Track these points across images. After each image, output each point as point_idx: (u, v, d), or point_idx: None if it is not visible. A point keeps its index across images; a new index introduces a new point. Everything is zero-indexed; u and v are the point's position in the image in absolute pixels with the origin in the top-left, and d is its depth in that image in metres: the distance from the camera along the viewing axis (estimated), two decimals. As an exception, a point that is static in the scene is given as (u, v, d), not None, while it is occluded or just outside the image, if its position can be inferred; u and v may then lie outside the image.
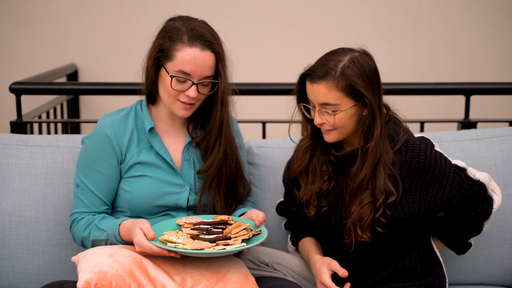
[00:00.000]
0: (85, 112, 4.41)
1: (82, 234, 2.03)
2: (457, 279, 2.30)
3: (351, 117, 1.94)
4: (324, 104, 1.92)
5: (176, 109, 2.01)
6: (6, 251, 2.20)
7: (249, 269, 2.02)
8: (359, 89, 1.89)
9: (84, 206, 2.04)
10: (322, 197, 2.04)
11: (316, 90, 1.92)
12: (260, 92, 3.06)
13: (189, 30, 1.96)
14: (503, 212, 2.27)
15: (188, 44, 1.94)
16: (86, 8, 4.32)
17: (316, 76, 1.91)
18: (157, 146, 2.05)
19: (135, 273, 1.81)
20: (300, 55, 4.34)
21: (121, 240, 1.96)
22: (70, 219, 2.08)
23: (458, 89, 2.97)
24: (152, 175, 2.03)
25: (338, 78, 1.89)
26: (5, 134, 2.32)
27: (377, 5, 4.30)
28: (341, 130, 1.97)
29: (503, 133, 2.37)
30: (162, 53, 1.97)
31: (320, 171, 2.05)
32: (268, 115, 3.95)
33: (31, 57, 4.38)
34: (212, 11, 4.28)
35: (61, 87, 3.12)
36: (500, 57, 4.33)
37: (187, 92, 1.96)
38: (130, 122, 2.06)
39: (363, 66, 1.91)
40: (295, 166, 2.11)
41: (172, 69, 1.95)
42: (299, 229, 2.18)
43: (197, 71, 1.95)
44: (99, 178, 2.03)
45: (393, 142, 1.98)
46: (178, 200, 2.04)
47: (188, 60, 1.94)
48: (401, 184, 1.95)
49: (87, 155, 2.05)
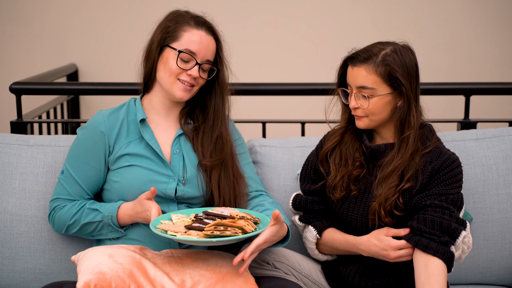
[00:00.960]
0: (85, 112, 4.42)
1: (68, 222, 2.07)
2: (457, 279, 2.31)
3: (386, 105, 1.99)
4: (361, 88, 1.99)
5: (176, 90, 2.04)
6: (7, 250, 2.21)
7: (250, 267, 2.02)
8: (397, 76, 1.96)
9: (67, 193, 2.08)
10: (351, 181, 2.07)
11: (356, 73, 1.99)
12: (260, 92, 3.06)
13: (194, 16, 2.08)
14: (503, 211, 2.28)
15: (195, 27, 2.05)
16: (86, 8, 4.33)
17: (358, 59, 1.99)
18: (147, 137, 2.07)
19: (134, 274, 1.81)
20: (300, 55, 4.36)
21: (116, 223, 2.01)
22: (50, 206, 2.11)
23: (458, 89, 2.97)
24: (141, 165, 2.05)
25: (378, 63, 1.97)
26: (6, 134, 2.33)
27: (376, 6, 4.31)
28: (372, 117, 2.01)
29: (503, 133, 2.37)
30: (167, 34, 2.04)
31: (352, 157, 2.08)
32: (268, 115, 3.96)
33: (31, 57, 4.38)
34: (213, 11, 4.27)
35: (61, 87, 3.12)
36: (500, 57, 4.33)
37: (190, 71, 2.02)
38: (121, 114, 2.10)
39: (404, 57, 1.99)
40: (327, 144, 2.14)
41: (179, 47, 2.02)
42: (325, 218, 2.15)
43: (201, 52, 2.03)
44: (84, 169, 2.07)
45: (424, 146, 2.03)
46: (166, 190, 2.04)
47: (196, 40, 2.03)
48: (420, 178, 1.99)
49: (76, 145, 2.10)
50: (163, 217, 1.92)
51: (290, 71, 4.31)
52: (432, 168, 1.99)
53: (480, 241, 2.27)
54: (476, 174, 2.29)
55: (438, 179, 1.98)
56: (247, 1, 4.32)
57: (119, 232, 2.03)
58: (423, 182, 1.99)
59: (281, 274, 2.05)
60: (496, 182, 2.29)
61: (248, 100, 3.72)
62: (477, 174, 2.30)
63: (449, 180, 1.98)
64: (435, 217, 1.93)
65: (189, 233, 1.81)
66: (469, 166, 2.30)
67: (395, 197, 1.97)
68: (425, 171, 1.99)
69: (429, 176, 1.99)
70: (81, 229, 2.07)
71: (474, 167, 2.30)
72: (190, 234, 1.80)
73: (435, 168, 1.99)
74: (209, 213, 1.90)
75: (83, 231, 2.08)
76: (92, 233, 2.07)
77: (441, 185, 1.98)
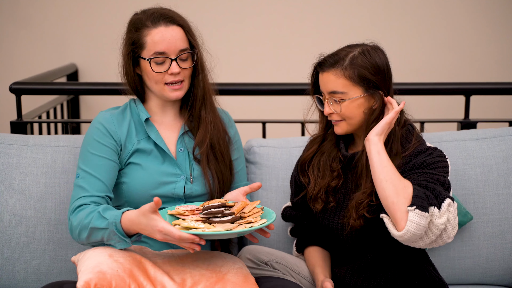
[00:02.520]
0: (85, 112, 4.41)
1: (84, 221, 1.90)
2: (457, 279, 2.31)
3: (359, 107, 1.96)
4: (332, 93, 1.96)
5: (167, 93, 2.04)
6: (7, 250, 2.21)
7: (248, 268, 2.02)
8: (367, 77, 1.93)
9: (87, 191, 1.97)
10: (330, 193, 2.05)
11: (325, 78, 1.97)
12: (260, 92, 3.06)
13: (150, 15, 2.03)
14: (503, 211, 2.27)
15: (153, 26, 2.00)
16: (86, 9, 4.33)
17: (325, 65, 1.97)
18: (154, 136, 2.06)
19: (134, 273, 1.81)
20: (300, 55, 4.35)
21: (121, 230, 1.84)
22: (73, 205, 1.95)
23: (458, 89, 2.97)
24: (149, 165, 2.04)
25: (346, 67, 1.94)
26: (6, 134, 2.33)
27: (376, 6, 4.31)
28: (349, 121, 1.99)
29: (503, 133, 2.37)
30: (133, 45, 2.03)
31: (330, 167, 2.06)
32: (268, 115, 3.96)
33: (31, 57, 4.38)
34: (212, 12, 4.28)
35: (61, 87, 3.12)
36: (500, 57, 4.33)
37: (170, 70, 2.00)
38: (127, 115, 2.09)
39: (373, 57, 1.96)
40: (306, 154, 2.13)
41: (148, 54, 2.00)
42: (305, 235, 2.17)
43: (170, 47, 2.00)
44: (100, 163, 2.00)
45: (403, 148, 1.98)
46: (175, 189, 2.03)
47: (158, 39, 1.99)
48: None
49: (88, 144, 2.04)
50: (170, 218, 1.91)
51: (290, 71, 4.31)
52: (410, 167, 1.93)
53: (480, 241, 2.27)
54: (476, 174, 2.29)
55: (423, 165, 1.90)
56: (247, 2, 4.31)
57: (126, 242, 1.87)
58: None
59: (280, 275, 2.05)
60: (497, 182, 2.29)
61: (248, 100, 3.73)
62: (477, 174, 2.29)
63: (433, 165, 1.91)
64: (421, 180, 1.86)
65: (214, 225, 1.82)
66: (469, 166, 2.30)
67: (368, 200, 1.93)
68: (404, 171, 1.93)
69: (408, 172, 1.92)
70: (90, 235, 1.90)
71: (474, 167, 2.30)
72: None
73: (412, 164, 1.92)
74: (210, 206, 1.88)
75: (92, 237, 1.91)
76: (101, 241, 1.91)
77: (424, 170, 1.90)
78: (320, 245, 2.15)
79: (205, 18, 2.07)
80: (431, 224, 1.82)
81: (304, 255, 2.17)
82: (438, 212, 1.82)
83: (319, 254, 2.13)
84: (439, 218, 1.82)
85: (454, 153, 2.32)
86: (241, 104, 3.94)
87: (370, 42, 2.02)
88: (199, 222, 1.83)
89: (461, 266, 2.28)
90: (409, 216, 1.80)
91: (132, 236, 1.88)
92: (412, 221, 1.79)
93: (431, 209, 1.81)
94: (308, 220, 2.15)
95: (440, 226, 1.82)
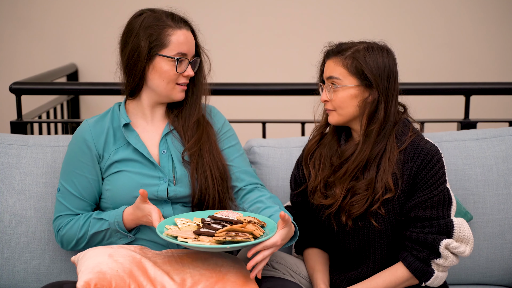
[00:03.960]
0: (85, 112, 4.42)
1: (78, 234, 2.03)
2: (457, 279, 2.31)
3: (351, 98, 1.98)
4: (329, 78, 2.00)
5: (176, 93, 2.06)
6: (7, 250, 2.21)
7: (248, 268, 2.02)
8: (364, 71, 1.95)
9: (67, 209, 2.06)
10: (328, 186, 2.05)
11: (327, 65, 2.03)
12: (260, 92, 3.06)
13: (167, 15, 2.04)
14: (503, 211, 2.27)
15: (177, 27, 2.02)
16: (86, 8, 4.33)
17: (330, 53, 2.03)
18: (133, 141, 2.05)
19: (134, 273, 1.81)
20: (300, 56, 4.35)
21: (124, 227, 1.98)
22: (55, 226, 2.08)
23: (458, 89, 2.97)
24: (130, 170, 2.04)
25: (347, 57, 1.98)
26: (5, 134, 2.33)
27: (376, 6, 4.31)
28: (340, 111, 2.00)
29: (503, 133, 2.37)
30: (154, 42, 2.01)
31: (330, 160, 2.07)
32: (268, 115, 3.96)
33: (31, 57, 4.38)
34: (213, 12, 4.28)
35: (61, 87, 3.12)
36: (500, 57, 4.33)
37: (186, 72, 2.04)
38: (106, 122, 2.09)
39: (375, 55, 1.98)
40: (308, 144, 2.14)
41: (171, 53, 2.01)
42: (304, 236, 2.16)
43: (190, 50, 2.04)
44: (79, 181, 2.05)
45: (400, 142, 1.99)
46: (158, 192, 2.03)
47: (183, 40, 2.02)
48: (400, 184, 1.96)
49: (67, 160, 2.09)
50: (166, 221, 1.90)
51: (290, 71, 4.31)
52: (411, 169, 1.96)
53: (480, 241, 2.27)
54: (476, 174, 2.29)
55: (420, 181, 1.96)
56: (248, 2, 4.32)
57: (128, 237, 2.01)
58: (403, 187, 1.96)
59: (279, 275, 2.05)
60: (497, 182, 2.29)
61: (248, 100, 3.74)
62: (477, 174, 2.29)
63: (431, 179, 1.95)
64: (415, 232, 1.95)
65: (200, 239, 1.80)
66: (469, 166, 2.30)
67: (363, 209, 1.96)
68: (404, 174, 1.96)
69: (411, 179, 1.96)
70: (90, 241, 2.03)
71: (474, 167, 2.30)
72: (202, 240, 1.79)
73: (414, 169, 1.96)
74: (216, 217, 1.87)
75: (92, 242, 2.04)
76: (101, 242, 2.03)
77: (424, 189, 1.95)
78: (319, 246, 2.15)
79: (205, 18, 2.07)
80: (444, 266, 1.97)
81: (304, 257, 2.17)
82: (440, 259, 1.95)
83: (318, 257, 2.13)
84: (446, 260, 1.95)
85: (454, 153, 2.32)
86: (241, 104, 3.95)
87: (380, 42, 2.05)
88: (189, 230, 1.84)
89: (461, 266, 2.29)
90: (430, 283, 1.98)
91: (132, 230, 2.01)
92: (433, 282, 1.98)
93: (433, 262, 1.96)
94: (307, 219, 2.15)
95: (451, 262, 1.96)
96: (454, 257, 1.96)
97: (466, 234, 1.96)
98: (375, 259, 2.02)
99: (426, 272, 1.96)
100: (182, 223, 1.89)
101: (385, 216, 1.96)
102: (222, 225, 1.84)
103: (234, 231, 1.79)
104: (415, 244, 1.96)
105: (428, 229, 1.94)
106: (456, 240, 1.95)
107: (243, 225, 1.81)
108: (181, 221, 1.90)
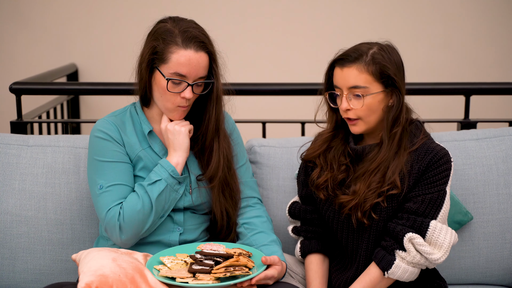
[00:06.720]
0: (85, 112, 4.42)
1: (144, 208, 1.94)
2: (457, 279, 2.31)
3: (379, 103, 1.97)
4: (353, 88, 1.95)
5: (172, 114, 2.01)
6: (7, 250, 2.21)
7: (249, 268, 2.02)
8: (389, 73, 1.95)
9: (115, 200, 1.96)
10: (335, 185, 2.04)
11: (347, 73, 1.95)
12: (260, 92, 3.06)
13: (182, 32, 1.94)
14: (503, 211, 2.28)
15: (183, 46, 1.93)
16: (86, 8, 4.33)
17: (348, 60, 1.96)
18: (157, 149, 2.04)
19: (136, 280, 1.79)
20: (300, 55, 4.36)
21: (178, 173, 1.97)
22: (109, 220, 1.95)
23: (458, 89, 2.97)
24: None
25: (369, 62, 1.94)
26: (6, 134, 2.32)
27: (376, 6, 4.31)
28: (367, 119, 1.98)
29: (503, 133, 2.37)
30: (156, 55, 1.95)
31: (338, 161, 2.06)
32: (268, 115, 3.96)
33: (31, 57, 4.38)
34: (213, 12, 4.28)
35: (61, 87, 3.12)
36: (500, 57, 4.34)
37: (183, 94, 1.95)
38: (128, 122, 2.06)
39: (391, 55, 1.98)
40: (310, 151, 2.12)
41: (167, 71, 1.94)
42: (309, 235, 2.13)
43: (192, 73, 1.94)
44: (116, 169, 1.98)
45: (411, 143, 1.99)
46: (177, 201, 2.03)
47: (184, 62, 1.93)
48: (406, 182, 1.96)
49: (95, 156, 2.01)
50: (152, 261, 1.90)
51: (290, 71, 4.31)
52: (418, 168, 1.95)
53: (480, 241, 2.27)
54: (476, 174, 2.29)
55: (424, 180, 1.95)
56: (247, 2, 4.32)
57: (181, 184, 1.99)
58: (410, 184, 1.95)
59: (280, 275, 2.05)
60: (496, 182, 2.29)
61: (248, 100, 3.73)
62: (477, 174, 2.29)
63: (434, 177, 1.95)
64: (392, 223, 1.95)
65: (200, 278, 1.81)
66: (469, 166, 2.30)
67: (376, 200, 1.95)
68: (412, 172, 1.95)
69: (416, 178, 1.96)
70: (157, 209, 1.95)
71: (474, 167, 2.30)
72: (203, 279, 1.80)
73: (421, 168, 1.95)
74: (206, 253, 1.88)
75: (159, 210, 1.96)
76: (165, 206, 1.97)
77: (424, 185, 1.95)
78: (323, 251, 2.12)
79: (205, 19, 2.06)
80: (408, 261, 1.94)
81: (305, 262, 2.14)
82: (404, 252, 1.93)
83: (319, 268, 2.10)
84: (408, 255, 1.92)
85: (454, 153, 2.32)
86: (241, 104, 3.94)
87: (384, 41, 2.03)
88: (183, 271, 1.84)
89: (461, 266, 2.29)
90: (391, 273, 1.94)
91: None
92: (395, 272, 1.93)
93: (397, 253, 1.94)
94: (316, 213, 2.13)
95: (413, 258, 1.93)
96: (418, 254, 1.92)
97: (440, 240, 1.92)
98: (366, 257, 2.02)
99: (387, 261, 1.93)
100: (170, 261, 1.89)
101: (383, 208, 1.96)
102: (214, 260, 1.86)
103: (231, 266, 1.83)
104: (386, 235, 1.96)
105: (403, 221, 1.94)
106: (427, 241, 1.93)
107: (237, 258, 1.84)
108: (168, 259, 1.90)
